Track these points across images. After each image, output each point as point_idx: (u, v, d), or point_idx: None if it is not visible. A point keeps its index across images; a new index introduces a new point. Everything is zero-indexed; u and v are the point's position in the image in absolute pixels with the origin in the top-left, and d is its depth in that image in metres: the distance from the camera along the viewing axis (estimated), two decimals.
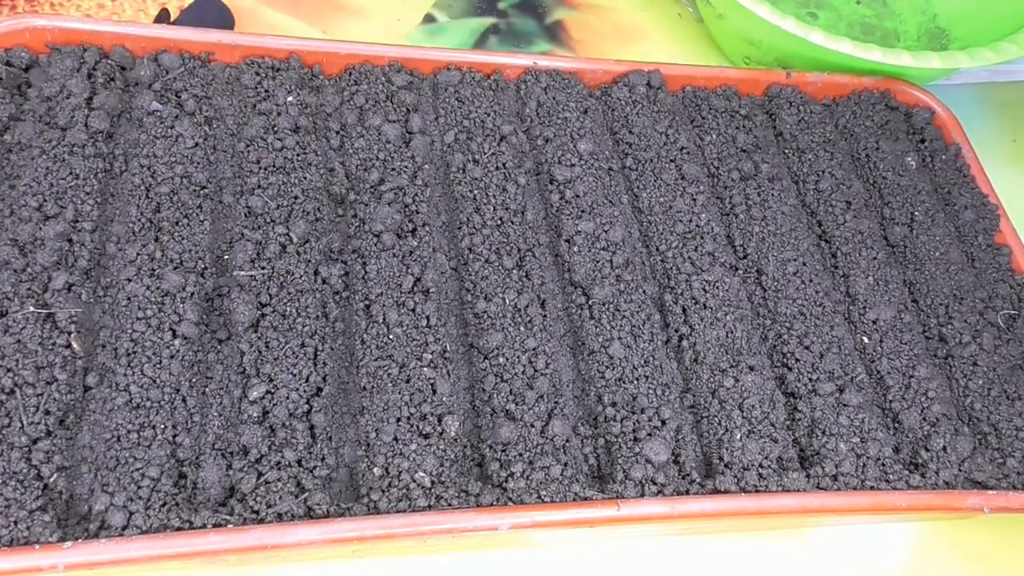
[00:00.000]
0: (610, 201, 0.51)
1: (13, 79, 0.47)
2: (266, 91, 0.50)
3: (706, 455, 0.45)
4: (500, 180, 0.50)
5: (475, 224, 0.49)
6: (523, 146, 0.53)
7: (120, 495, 0.36)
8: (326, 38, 0.56)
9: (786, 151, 0.58)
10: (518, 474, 0.40)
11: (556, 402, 0.43)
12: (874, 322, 0.50)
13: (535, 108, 0.54)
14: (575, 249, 0.49)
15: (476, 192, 0.50)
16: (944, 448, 0.46)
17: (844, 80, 0.61)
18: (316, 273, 0.45)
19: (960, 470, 0.46)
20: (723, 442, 0.44)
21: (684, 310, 0.48)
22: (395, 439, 0.41)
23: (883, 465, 0.45)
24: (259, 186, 0.46)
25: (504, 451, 0.41)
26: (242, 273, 0.44)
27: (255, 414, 0.40)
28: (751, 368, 0.46)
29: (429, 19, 0.67)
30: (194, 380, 0.41)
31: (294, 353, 0.41)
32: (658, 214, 0.52)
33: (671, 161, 0.54)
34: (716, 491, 0.42)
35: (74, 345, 0.40)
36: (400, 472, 0.40)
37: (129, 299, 0.41)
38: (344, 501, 0.40)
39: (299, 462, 0.39)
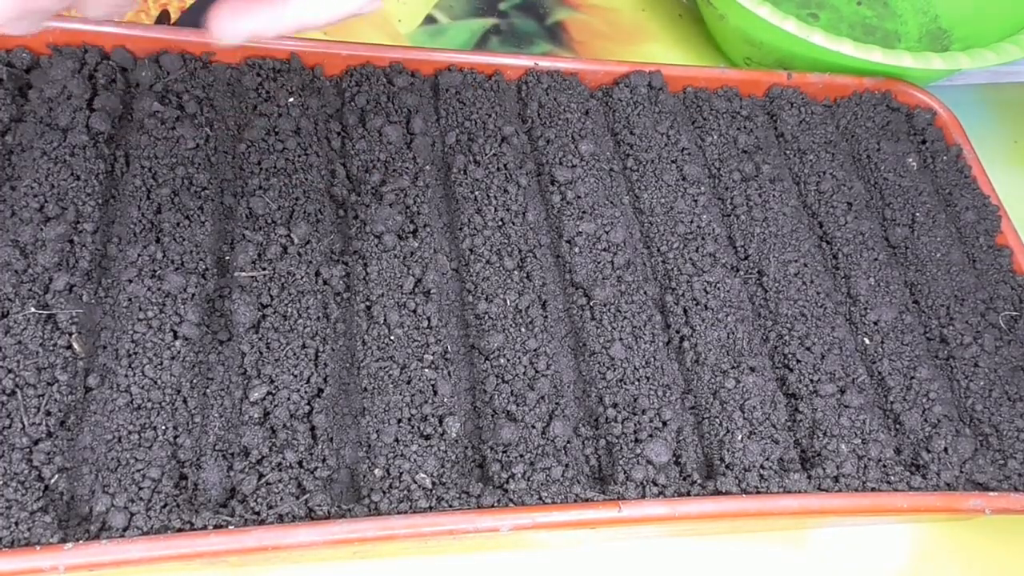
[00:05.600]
0: (611, 202, 0.51)
1: (14, 80, 0.47)
2: (267, 92, 0.50)
3: (707, 456, 0.45)
4: (501, 181, 0.50)
5: (476, 225, 0.49)
6: (524, 147, 0.53)
7: (121, 496, 0.36)
8: (327, 39, 0.56)
9: (787, 152, 0.58)
10: (519, 475, 0.40)
11: (557, 403, 0.43)
12: (875, 323, 0.50)
13: (536, 109, 0.54)
14: (576, 250, 0.49)
15: (477, 193, 0.50)
16: (945, 449, 0.46)
17: (845, 81, 0.61)
18: (317, 274, 0.45)
19: (961, 471, 0.46)
20: (724, 443, 0.44)
21: (685, 311, 0.48)
22: (396, 440, 0.41)
23: (884, 466, 0.45)
24: (260, 187, 0.46)
25: (505, 452, 0.41)
26: (243, 274, 0.44)
27: (256, 415, 0.40)
28: (752, 369, 0.46)
29: (430, 20, 0.67)
30: (195, 381, 0.41)
31: (295, 354, 0.41)
32: (659, 215, 0.52)
33: (672, 162, 0.54)
34: (717, 492, 0.42)
35: (75, 346, 0.40)
36: (401, 473, 0.40)
37: (130, 300, 0.41)
38: (345, 502, 0.40)
39: (300, 463, 0.39)
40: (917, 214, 0.55)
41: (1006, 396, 0.49)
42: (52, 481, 0.37)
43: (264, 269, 0.44)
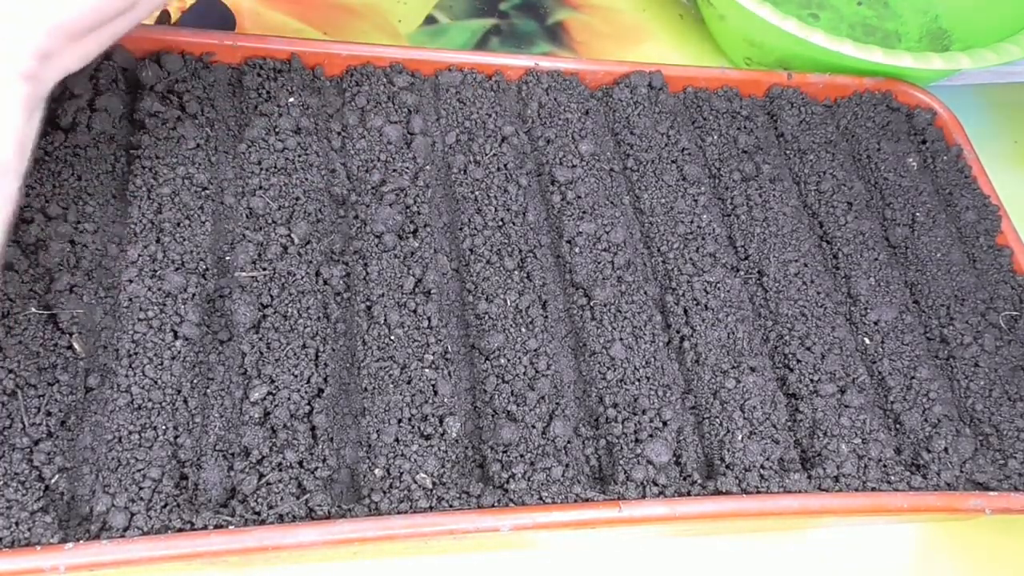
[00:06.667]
0: (611, 202, 0.51)
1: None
2: (267, 92, 0.50)
3: (707, 456, 0.45)
4: (501, 181, 0.50)
5: (476, 225, 0.49)
6: (524, 147, 0.53)
7: (121, 496, 0.36)
8: (327, 39, 0.56)
9: (787, 152, 0.58)
10: (519, 475, 0.40)
11: (557, 403, 0.43)
12: (875, 323, 0.50)
13: (536, 109, 0.54)
14: (576, 250, 0.49)
15: (477, 193, 0.50)
16: (945, 449, 0.46)
17: (845, 81, 0.61)
18: (317, 274, 0.45)
19: (961, 471, 0.46)
20: (724, 443, 0.44)
21: (685, 311, 0.48)
22: (396, 440, 0.41)
23: (884, 466, 0.45)
24: (260, 187, 0.46)
25: (505, 452, 0.41)
26: (243, 274, 0.44)
27: (256, 415, 0.40)
28: (752, 369, 0.46)
29: (430, 20, 0.67)
30: (195, 381, 0.41)
31: (295, 354, 0.41)
32: (659, 215, 0.52)
33: (672, 162, 0.54)
34: (718, 492, 0.42)
35: (76, 346, 0.40)
36: (401, 473, 0.40)
37: (131, 300, 0.41)
38: (345, 502, 0.40)
39: (300, 463, 0.39)
40: (917, 214, 0.55)
41: (1006, 396, 0.49)
42: (52, 481, 0.37)
43: (264, 269, 0.44)
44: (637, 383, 0.45)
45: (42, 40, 0.33)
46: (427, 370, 0.43)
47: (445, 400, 0.42)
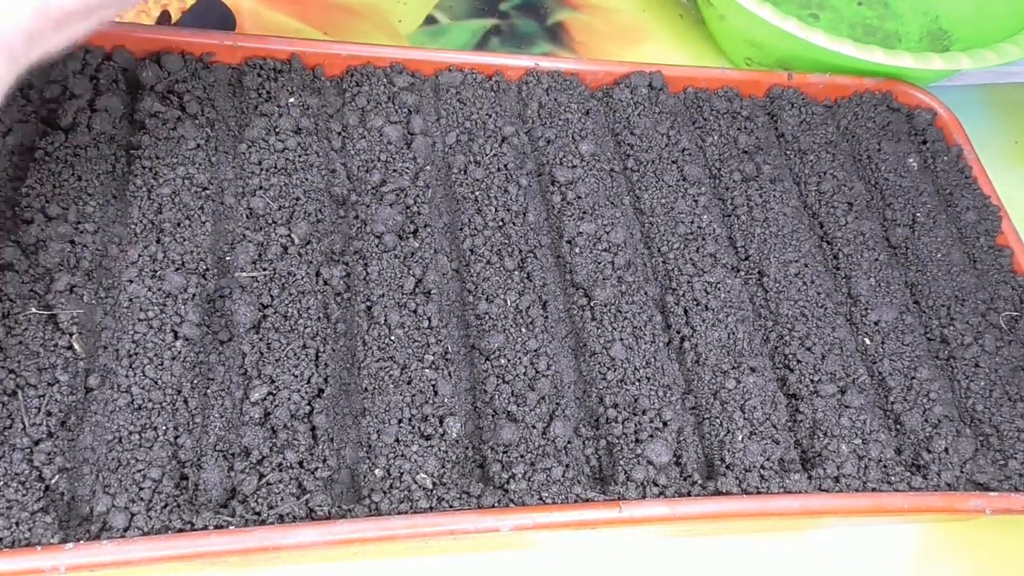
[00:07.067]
0: (612, 202, 0.51)
1: (16, 81, 0.47)
2: (268, 92, 0.50)
3: (708, 456, 0.45)
4: (502, 181, 0.50)
5: (476, 225, 0.49)
6: (524, 147, 0.53)
7: (122, 496, 0.36)
8: (327, 39, 0.56)
9: (788, 152, 0.58)
10: (519, 475, 0.40)
11: (557, 403, 0.43)
12: (876, 323, 0.50)
13: (536, 109, 0.54)
14: (576, 250, 0.49)
15: (477, 193, 0.50)
16: (946, 450, 0.46)
17: (846, 81, 0.61)
18: (318, 274, 0.45)
19: (962, 472, 0.46)
20: (725, 443, 0.44)
21: (686, 311, 0.48)
22: (397, 440, 0.41)
23: (885, 467, 0.45)
24: (261, 187, 0.46)
25: (505, 452, 0.41)
26: (244, 274, 0.44)
27: (256, 415, 0.40)
28: (753, 369, 0.46)
29: (430, 20, 0.67)
30: (196, 381, 0.41)
31: (295, 354, 0.41)
32: (660, 215, 0.52)
33: (673, 162, 0.54)
34: (718, 492, 0.42)
35: (76, 346, 0.40)
36: (402, 473, 0.40)
37: (131, 300, 0.41)
38: (346, 502, 0.40)
39: (300, 463, 0.39)
40: (918, 214, 0.55)
41: (1007, 396, 0.49)
42: (53, 481, 0.37)
43: (264, 269, 0.44)
44: (637, 383, 0.45)
45: (28, 20, 0.32)
46: (427, 370, 0.43)
47: (445, 400, 0.42)
